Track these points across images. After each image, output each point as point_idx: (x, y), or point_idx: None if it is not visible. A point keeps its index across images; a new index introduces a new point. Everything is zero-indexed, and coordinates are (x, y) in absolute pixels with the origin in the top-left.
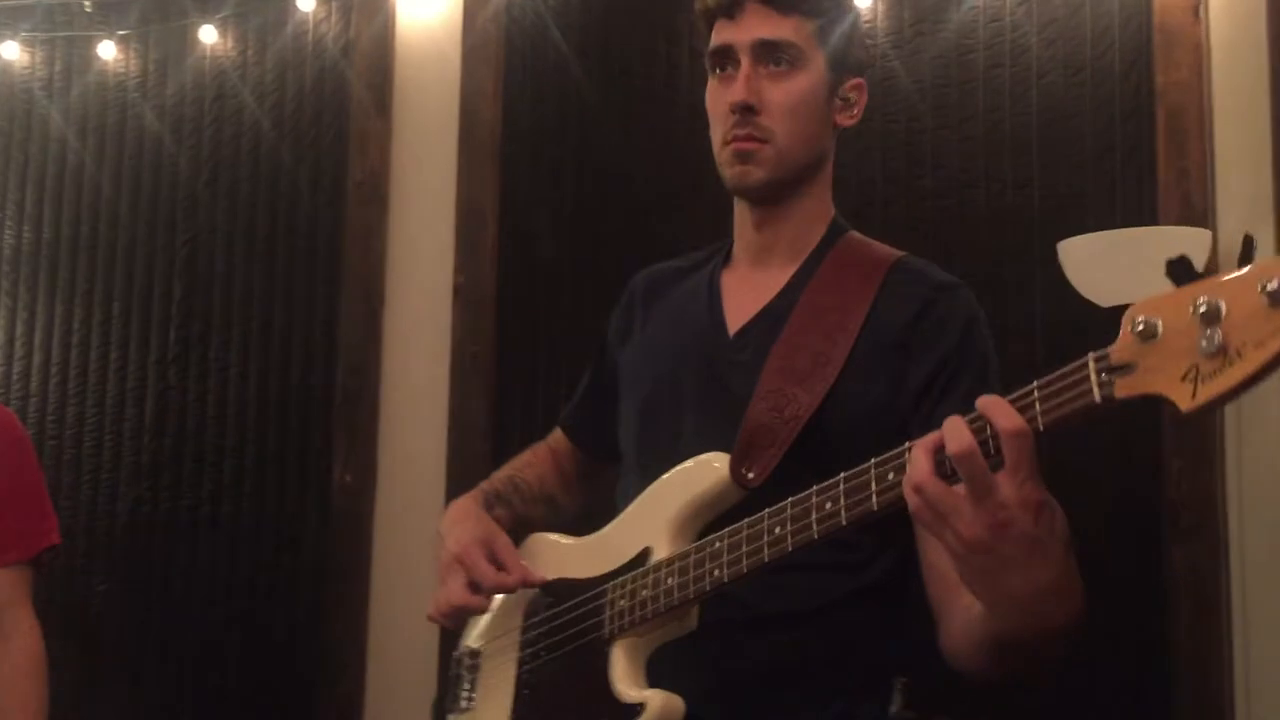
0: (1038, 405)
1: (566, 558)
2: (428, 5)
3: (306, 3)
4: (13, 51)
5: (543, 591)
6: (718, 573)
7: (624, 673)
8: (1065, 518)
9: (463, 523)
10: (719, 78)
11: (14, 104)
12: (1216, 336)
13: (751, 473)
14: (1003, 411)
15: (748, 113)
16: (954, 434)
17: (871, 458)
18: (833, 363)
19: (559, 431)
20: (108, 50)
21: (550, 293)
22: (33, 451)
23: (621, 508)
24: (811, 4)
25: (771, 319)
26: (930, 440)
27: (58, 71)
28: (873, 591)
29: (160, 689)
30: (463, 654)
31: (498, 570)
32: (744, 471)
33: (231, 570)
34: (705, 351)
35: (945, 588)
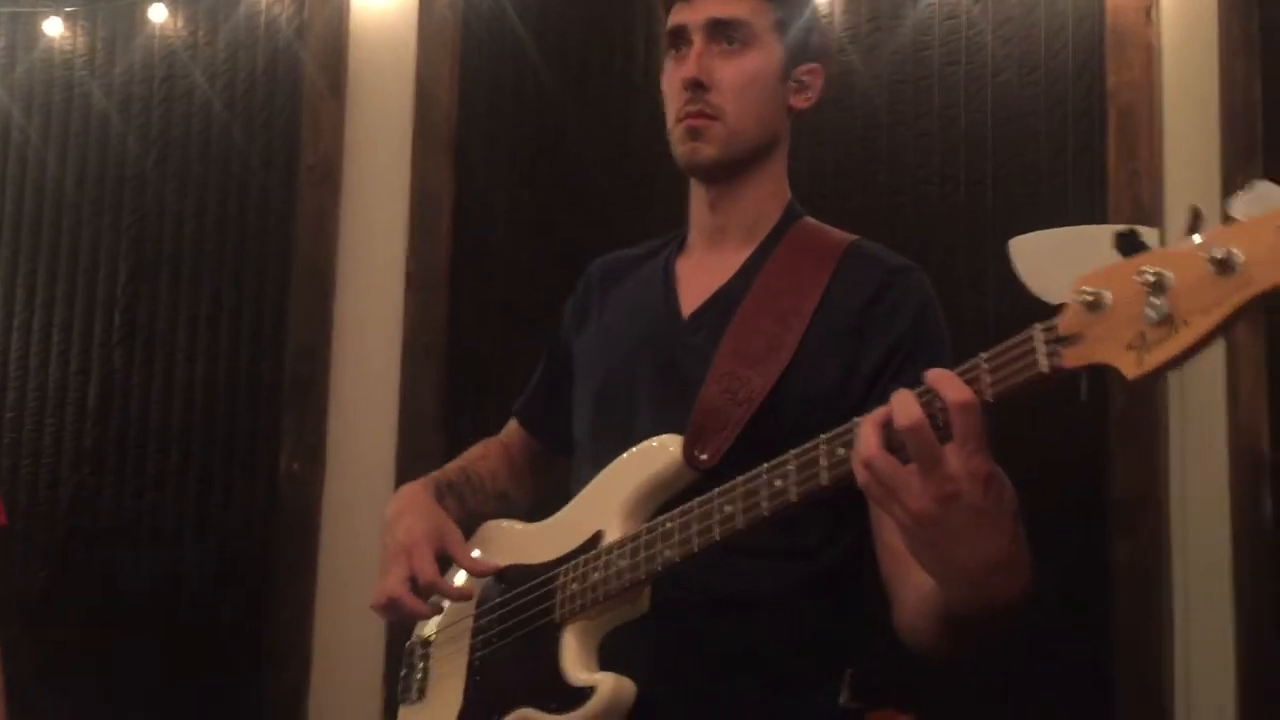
0: (986, 377)
1: (519, 544)
2: None
3: None
4: None
5: (495, 579)
6: (669, 553)
7: (575, 656)
8: (1014, 490)
9: (412, 512)
10: (674, 58)
11: None
12: (1163, 305)
13: (704, 454)
14: (951, 384)
15: (698, 89)
16: (902, 407)
17: None
18: (786, 346)
19: (512, 424)
20: (54, 26)
21: (505, 281)
22: None
23: (576, 494)
24: None
25: (726, 302)
26: (879, 414)
27: (1, 47)
28: (826, 578)
29: (102, 677)
30: (415, 644)
31: (439, 574)
32: (696, 453)
33: (176, 558)
34: (659, 336)
35: (899, 566)
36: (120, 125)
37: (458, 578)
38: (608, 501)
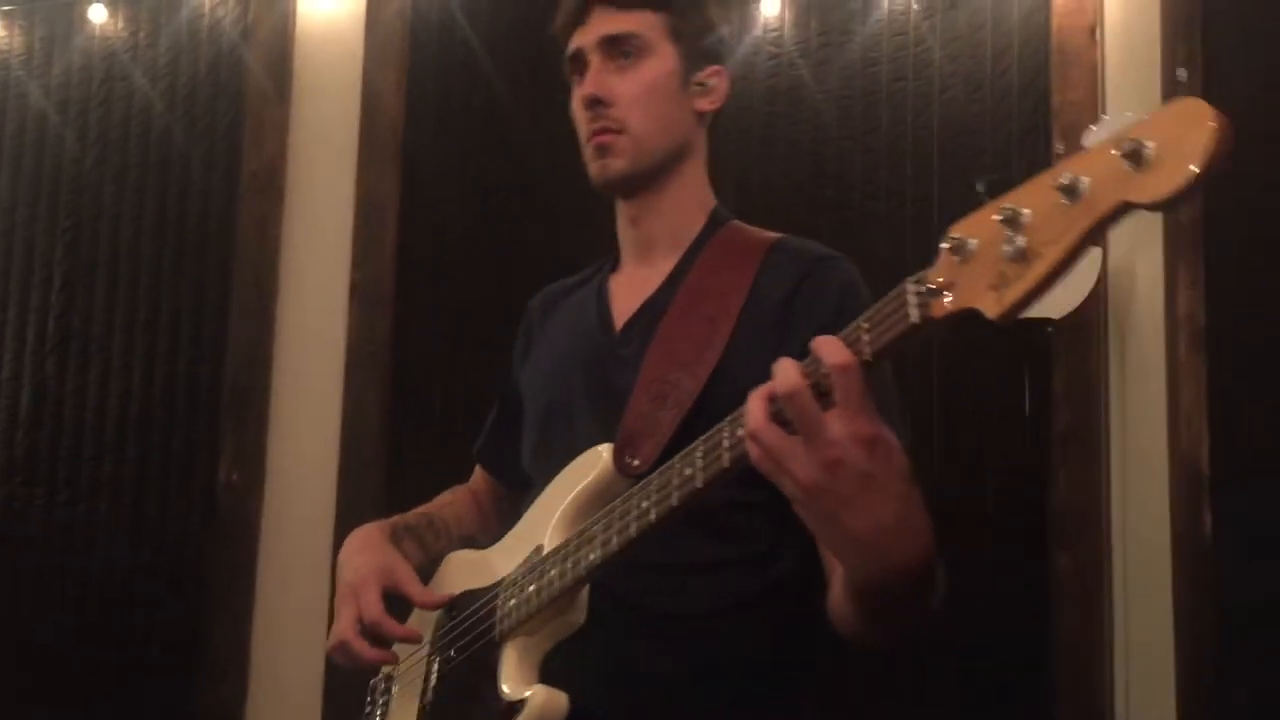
0: (865, 336)
1: (473, 570)
2: None
3: None
4: None
5: (449, 607)
6: (592, 556)
7: (512, 671)
8: (904, 454)
9: (362, 552)
10: (577, 83)
11: None
12: (1020, 241)
13: (636, 460)
14: (831, 348)
15: (598, 106)
16: (781, 375)
17: None
18: (714, 346)
19: (478, 469)
20: None
21: (451, 293)
22: None
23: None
24: None
25: (654, 311)
26: (765, 388)
27: None
28: (778, 588)
29: (34, 691)
30: (378, 681)
31: (383, 614)
32: (628, 460)
33: (109, 571)
34: (594, 352)
35: (827, 553)
36: (58, 126)
37: (413, 616)
38: (547, 516)
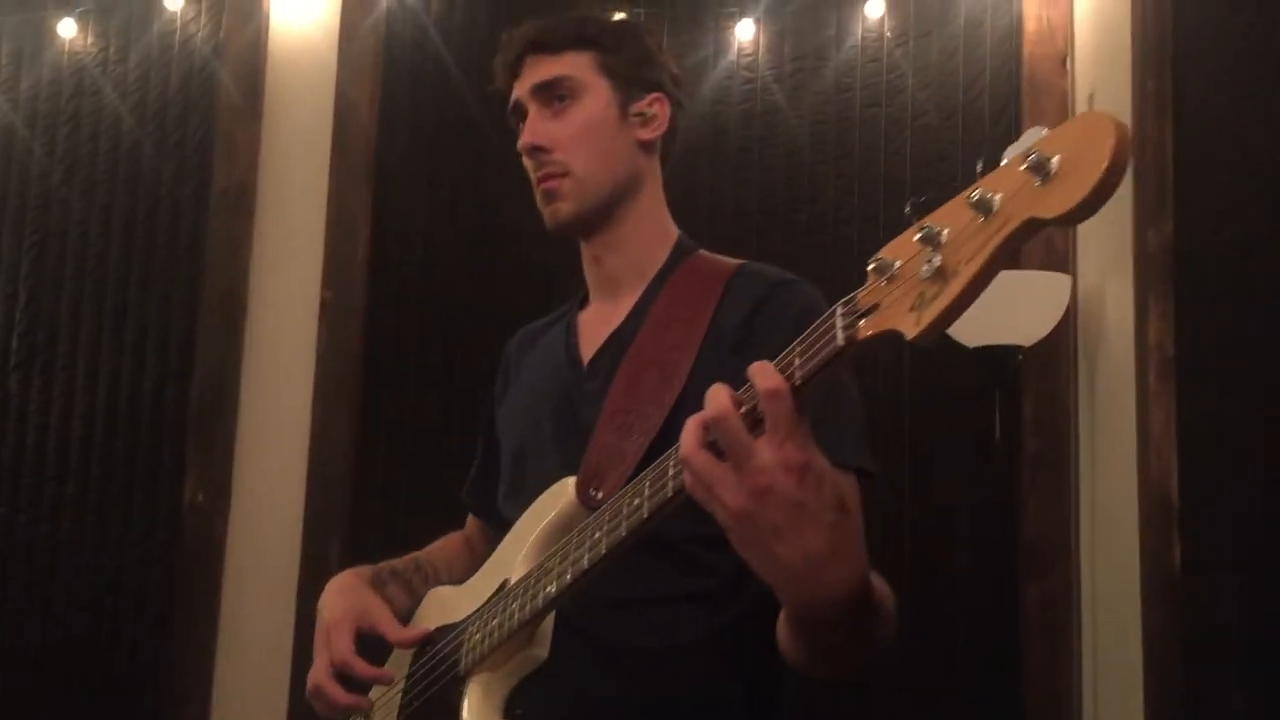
0: (796, 360)
1: (449, 605)
2: (304, 10)
3: (174, 1)
4: None
5: (422, 644)
6: (550, 588)
7: (476, 707)
8: (837, 483)
9: (339, 594)
10: (520, 133)
11: None
12: (936, 260)
13: (599, 492)
14: (763, 373)
15: (538, 153)
16: (712, 400)
17: None
18: (678, 375)
19: (471, 516)
20: None
21: (422, 312)
22: None
23: None
24: (583, 37)
25: (619, 344)
26: (701, 415)
27: None
28: (739, 628)
29: None
30: (356, 717)
31: (353, 655)
32: (592, 492)
33: (71, 593)
34: (562, 389)
35: None
36: (26, 141)
37: (392, 657)
38: (517, 550)
